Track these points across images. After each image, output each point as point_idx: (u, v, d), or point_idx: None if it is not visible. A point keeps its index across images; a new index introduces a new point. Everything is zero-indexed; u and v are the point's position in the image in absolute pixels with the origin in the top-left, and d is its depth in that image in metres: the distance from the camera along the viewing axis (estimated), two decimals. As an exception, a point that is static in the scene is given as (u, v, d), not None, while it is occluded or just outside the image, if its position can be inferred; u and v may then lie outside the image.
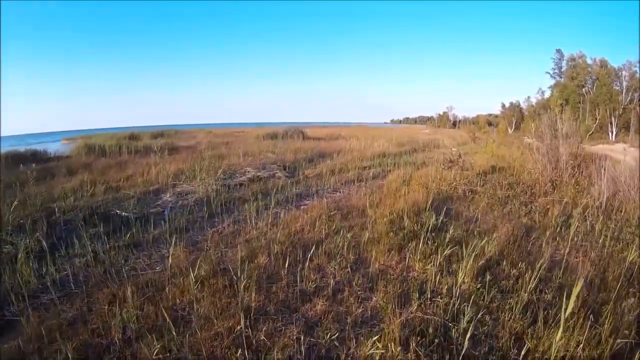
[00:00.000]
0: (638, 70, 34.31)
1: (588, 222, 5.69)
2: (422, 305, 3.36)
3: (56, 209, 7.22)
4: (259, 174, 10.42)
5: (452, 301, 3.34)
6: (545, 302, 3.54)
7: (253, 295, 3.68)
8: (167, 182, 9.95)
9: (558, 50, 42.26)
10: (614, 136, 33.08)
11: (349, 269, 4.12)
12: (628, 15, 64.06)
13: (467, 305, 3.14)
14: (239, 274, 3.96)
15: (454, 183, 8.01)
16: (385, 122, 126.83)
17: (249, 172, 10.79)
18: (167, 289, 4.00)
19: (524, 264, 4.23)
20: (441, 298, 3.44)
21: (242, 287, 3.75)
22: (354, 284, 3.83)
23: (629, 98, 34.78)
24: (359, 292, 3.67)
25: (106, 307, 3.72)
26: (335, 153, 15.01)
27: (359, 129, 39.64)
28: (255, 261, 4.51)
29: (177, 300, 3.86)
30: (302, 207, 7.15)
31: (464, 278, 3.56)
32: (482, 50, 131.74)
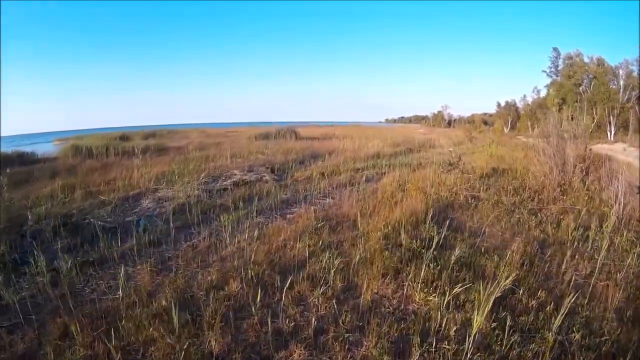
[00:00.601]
0: (636, 69, 33.83)
1: (606, 235, 5.02)
2: (426, 355, 2.67)
3: (29, 217, 6.57)
4: (245, 177, 9.71)
5: (462, 348, 2.65)
6: (574, 343, 2.86)
7: (217, 337, 2.98)
8: (149, 187, 9.24)
9: (555, 49, 41.65)
10: (612, 135, 32.57)
11: (335, 300, 3.41)
12: (627, 15, 63.72)
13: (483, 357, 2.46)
14: (203, 309, 3.30)
15: (455, 188, 7.32)
16: (380, 122, 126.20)
17: (235, 175, 10.07)
18: (122, 322, 3.30)
19: (543, 292, 3.56)
20: (449, 344, 2.75)
21: (205, 325, 3.08)
22: (340, 321, 3.11)
23: (626, 97, 34.32)
24: (346, 335, 2.95)
25: (56, 342, 3.09)
26: (328, 154, 14.32)
27: (354, 129, 39.01)
28: (227, 288, 3.82)
29: (132, 338, 3.17)
30: (287, 215, 6.46)
31: (476, 317, 2.85)
32: (478, 50, 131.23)
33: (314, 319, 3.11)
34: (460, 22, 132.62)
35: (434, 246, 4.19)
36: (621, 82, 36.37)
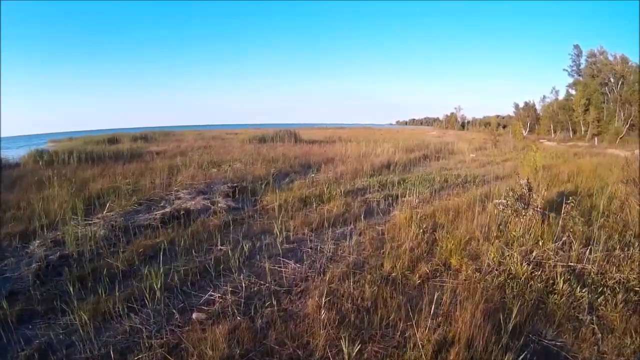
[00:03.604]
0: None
1: None
2: None
3: None
4: (189, 203, 6.25)
5: None
6: None
7: None
8: (63, 215, 5.85)
9: (576, 46, 37.04)
10: (650, 138, 28.12)
11: None
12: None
13: None
14: None
15: (536, 251, 3.62)
16: (390, 124, 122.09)
17: (179, 199, 6.65)
18: None
19: None
20: None
21: None
22: None
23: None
24: None
25: None
26: (324, 163, 10.77)
27: (363, 131, 35.44)
28: None
29: None
30: (194, 314, 2.98)
31: None
32: (489, 51, 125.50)
33: None
34: (468, 23, 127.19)
35: None
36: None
